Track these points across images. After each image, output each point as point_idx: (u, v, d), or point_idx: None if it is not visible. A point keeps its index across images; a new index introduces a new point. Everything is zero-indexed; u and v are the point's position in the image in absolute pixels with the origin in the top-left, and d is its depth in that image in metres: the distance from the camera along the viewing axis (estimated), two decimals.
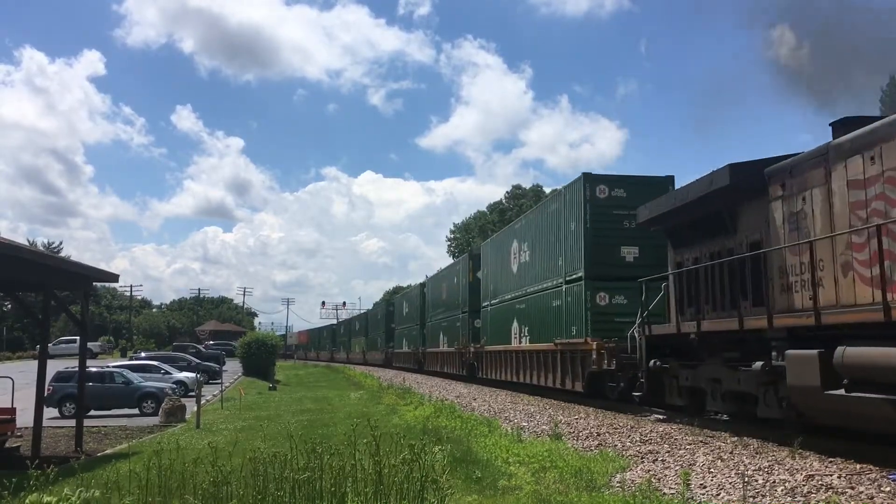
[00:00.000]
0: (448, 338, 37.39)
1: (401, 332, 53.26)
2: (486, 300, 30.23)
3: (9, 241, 13.89)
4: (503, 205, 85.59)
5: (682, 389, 14.41)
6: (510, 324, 26.13)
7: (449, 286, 38.39)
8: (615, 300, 18.75)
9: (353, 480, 6.55)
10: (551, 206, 22.48)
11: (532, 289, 23.64)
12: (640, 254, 19.10)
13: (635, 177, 20.17)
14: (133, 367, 28.88)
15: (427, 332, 43.57)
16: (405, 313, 52.05)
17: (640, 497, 7.77)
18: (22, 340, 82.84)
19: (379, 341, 61.65)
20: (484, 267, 31.67)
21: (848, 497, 7.75)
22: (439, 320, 40.06)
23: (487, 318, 30.04)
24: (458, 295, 35.62)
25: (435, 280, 44.01)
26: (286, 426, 15.65)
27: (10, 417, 14.79)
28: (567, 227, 20.35)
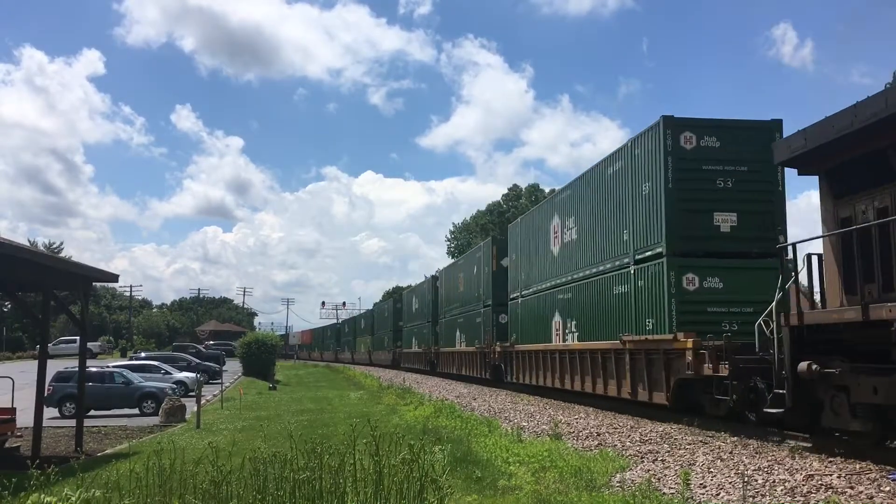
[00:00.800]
0: (466, 336, 33.64)
1: (410, 331, 49.91)
2: (516, 291, 26.38)
3: (9, 241, 13.90)
4: (501, 206, 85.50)
5: (857, 407, 9.65)
6: (549, 318, 22.20)
7: (467, 277, 34.37)
8: (707, 283, 14.76)
9: (352, 480, 6.55)
10: (611, 166, 17.95)
11: (582, 274, 19.58)
12: (740, 222, 15.06)
13: (732, 121, 15.69)
14: (133, 367, 28.87)
15: (440, 330, 40.02)
16: (415, 310, 48.31)
17: (640, 497, 7.77)
18: (22, 340, 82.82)
19: (386, 340, 58.45)
20: (512, 252, 27.44)
21: (848, 497, 7.76)
22: (455, 316, 36.31)
23: (518, 313, 26.02)
24: (478, 287, 31.74)
25: (450, 271, 40.15)
26: (286, 426, 15.64)
27: (10, 417, 14.80)
28: (637, 191, 16.32)
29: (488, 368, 29.25)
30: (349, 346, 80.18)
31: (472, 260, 34.27)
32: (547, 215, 23.41)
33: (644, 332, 15.65)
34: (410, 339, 49.19)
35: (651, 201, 15.66)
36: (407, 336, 50.81)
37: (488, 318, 29.53)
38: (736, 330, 14.00)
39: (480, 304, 31.05)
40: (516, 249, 26.96)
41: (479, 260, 32.29)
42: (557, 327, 21.52)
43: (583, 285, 19.51)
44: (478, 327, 31.24)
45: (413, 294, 51.19)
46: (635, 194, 16.41)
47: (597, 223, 18.81)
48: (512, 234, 27.98)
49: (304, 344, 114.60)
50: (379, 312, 65.76)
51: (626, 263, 16.82)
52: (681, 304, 14.62)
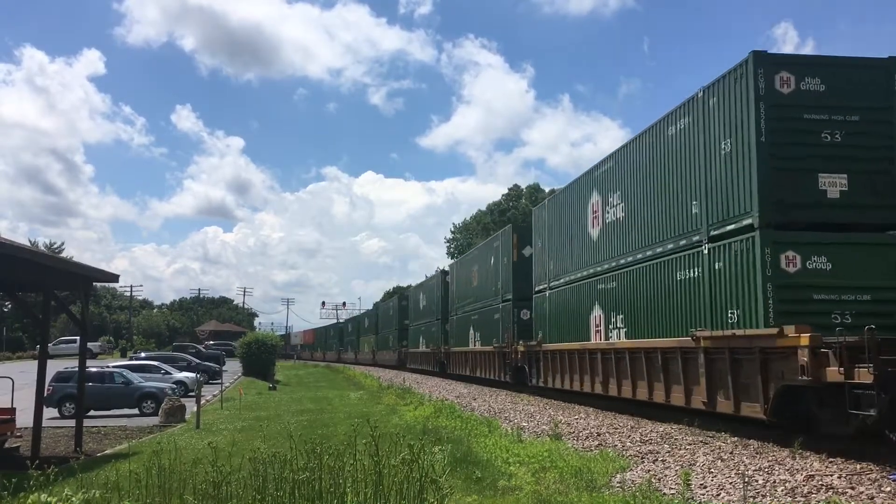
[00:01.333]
0: (482, 334, 30.54)
1: (416, 330, 46.95)
2: (543, 283, 23.22)
3: (9, 241, 13.89)
4: (503, 205, 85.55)
5: None
6: (587, 312, 19.17)
7: (483, 270, 31.03)
8: (812, 263, 11.70)
9: (352, 481, 6.54)
10: (673, 125, 14.88)
11: (631, 258, 16.59)
12: (852, 186, 12.07)
13: (841, 58, 12.66)
14: (133, 368, 28.85)
15: (451, 329, 36.90)
16: (422, 307, 45.28)
17: (640, 497, 7.77)
18: (22, 340, 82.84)
19: (391, 340, 55.73)
20: (538, 239, 24.35)
21: (848, 497, 7.75)
22: (468, 313, 33.16)
23: (545, 307, 22.83)
24: (496, 280, 28.62)
25: (462, 265, 36.77)
26: (286, 426, 15.63)
27: (10, 417, 14.79)
28: (712, 151, 13.25)
29: (509, 370, 26.25)
30: (352, 346, 78.27)
31: (488, 250, 30.61)
32: (583, 193, 20.10)
33: (725, 326, 12.37)
34: (417, 339, 46.43)
35: (734, 162, 12.53)
36: (413, 335, 48.02)
37: (508, 314, 26.58)
38: (849, 323, 11.10)
39: (499, 298, 27.96)
40: (543, 236, 23.72)
41: (496, 250, 28.92)
42: (597, 322, 18.49)
43: (632, 272, 16.54)
44: (495, 324, 28.26)
45: (420, 290, 47.85)
46: (710, 155, 13.32)
47: (652, 197, 15.74)
48: (538, 219, 24.67)
49: (307, 344, 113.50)
50: (383, 311, 63.35)
51: (695, 242, 13.71)
52: (779, 289, 11.50)
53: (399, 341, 52.22)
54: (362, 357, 70.31)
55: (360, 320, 78.58)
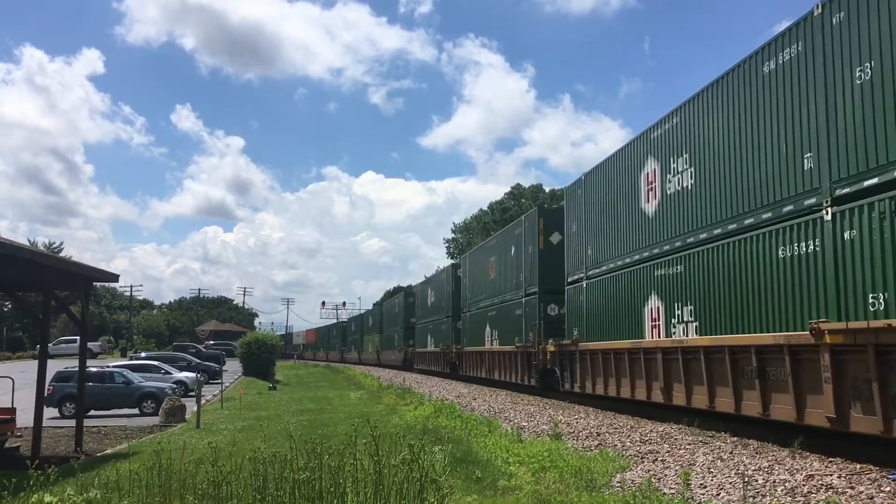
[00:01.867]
0: (501, 332, 27.54)
1: (424, 328, 44.41)
2: (578, 272, 20.15)
3: (9, 241, 13.89)
4: (504, 204, 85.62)
5: None
6: (640, 304, 16.12)
7: (502, 261, 27.89)
8: None
9: (352, 480, 6.55)
10: (773, 59, 11.79)
11: (703, 236, 13.60)
12: None
13: None
14: (133, 367, 28.87)
15: (464, 326, 34.16)
16: (430, 304, 42.49)
17: (640, 497, 7.77)
18: (22, 340, 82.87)
19: (396, 339, 53.10)
20: (572, 222, 21.07)
21: (848, 497, 7.76)
22: (484, 309, 30.23)
23: (581, 300, 19.74)
24: (518, 271, 25.65)
25: (477, 256, 33.38)
26: (286, 426, 15.65)
27: (10, 417, 14.80)
28: (836, 83, 10.33)
29: (535, 373, 22.94)
30: (356, 346, 75.72)
31: (507, 239, 27.56)
32: (633, 162, 17.04)
33: (862, 316, 9.44)
34: (425, 338, 43.71)
35: (877, 94, 9.55)
36: (421, 334, 45.45)
37: (534, 309, 23.37)
38: None
39: (521, 292, 24.98)
40: (579, 218, 20.40)
41: (518, 238, 25.73)
42: (654, 316, 15.44)
43: (706, 252, 13.44)
44: (517, 321, 25.19)
45: (429, 286, 44.89)
46: (834, 91, 10.31)
47: (738, 153, 12.62)
48: (571, 199, 21.24)
49: (309, 343, 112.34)
50: (388, 308, 60.39)
51: (809, 208, 10.67)
52: None
53: (405, 340, 49.87)
54: (366, 357, 68.49)
55: (363, 318, 76.03)
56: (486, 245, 32.22)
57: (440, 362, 38.96)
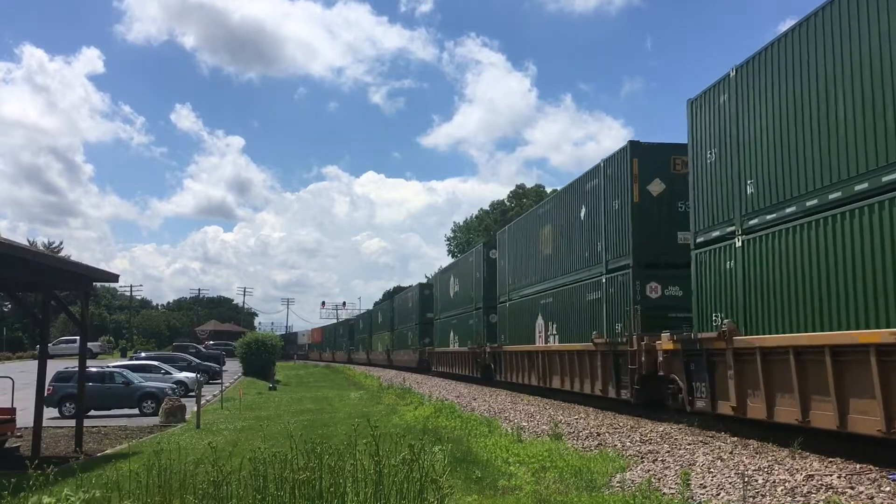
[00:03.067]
0: (562, 325, 20.70)
1: (445, 324, 38.17)
2: (707, 229, 13.65)
3: (9, 241, 13.89)
4: (505, 204, 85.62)
5: None
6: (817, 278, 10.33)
7: (563, 230, 21.10)
8: None
9: (352, 480, 6.55)
10: None
11: None
12: None
13: None
14: (133, 367, 28.88)
15: (503, 320, 27.50)
16: (454, 294, 36.67)
17: (640, 497, 7.77)
18: (22, 340, 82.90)
19: (410, 337, 47.54)
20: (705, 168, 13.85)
21: (848, 497, 7.76)
22: (534, 296, 23.51)
23: (731, 270, 12.69)
24: (591, 240, 18.72)
25: (521, 229, 26.24)
26: (286, 426, 15.65)
27: (10, 417, 14.80)
28: None
29: (630, 382, 16.02)
30: (364, 345, 69.88)
31: (572, 198, 20.36)
32: None
33: None
34: (447, 335, 37.81)
35: None
36: (441, 331, 39.46)
37: (624, 290, 16.53)
38: None
39: (600, 268, 17.91)
40: (713, 151, 13.54)
41: (591, 194, 18.68)
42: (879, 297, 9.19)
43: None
44: (591, 309, 18.42)
45: (451, 274, 38.56)
46: None
47: None
48: (706, 114, 13.92)
49: (315, 343, 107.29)
50: (401, 302, 54.04)
51: None
52: None
53: (420, 339, 44.42)
54: (376, 357, 62.80)
55: (372, 315, 69.15)
56: (534, 213, 24.78)
57: (468, 364, 32.77)
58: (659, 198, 16.52)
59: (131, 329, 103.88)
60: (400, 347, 51.74)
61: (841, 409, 9.67)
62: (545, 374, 22.23)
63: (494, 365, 28.70)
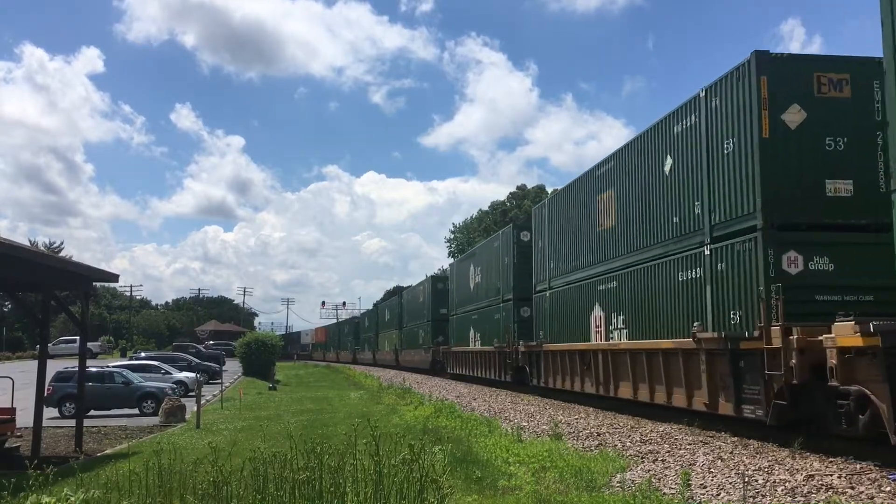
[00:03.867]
0: (630, 316, 16.29)
1: (464, 320, 33.70)
2: None
3: (9, 241, 13.89)
4: (505, 205, 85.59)
5: None
6: None
7: (624, 197, 16.94)
8: None
9: (352, 480, 6.55)
10: None
11: None
12: None
13: None
14: (133, 367, 28.88)
15: (539, 313, 23.03)
16: (475, 286, 32.28)
17: (640, 497, 7.77)
18: (22, 340, 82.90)
19: (421, 335, 43.14)
20: None
21: (848, 497, 7.75)
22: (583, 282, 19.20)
23: None
24: (673, 205, 14.57)
25: (562, 202, 21.79)
26: (286, 426, 15.66)
27: (10, 417, 14.79)
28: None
29: (762, 397, 11.34)
30: (369, 345, 65.91)
31: (655, 145, 15.56)
32: None
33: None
34: (465, 333, 33.30)
35: None
36: (459, 328, 35.10)
37: (751, 260, 11.83)
38: None
39: (702, 235, 13.44)
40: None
41: (685, 137, 14.22)
42: None
43: None
44: (686, 292, 13.77)
45: (470, 263, 33.78)
46: None
47: None
48: None
49: (319, 343, 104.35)
50: (410, 298, 49.66)
51: None
52: None
53: (433, 337, 40.30)
54: (382, 358, 58.52)
55: (378, 312, 64.57)
56: (588, 177, 19.62)
57: (494, 366, 28.01)
58: (798, 131, 11.91)
59: (131, 329, 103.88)
60: (410, 347, 47.48)
61: None
62: (608, 379, 17.17)
63: (530, 367, 23.88)
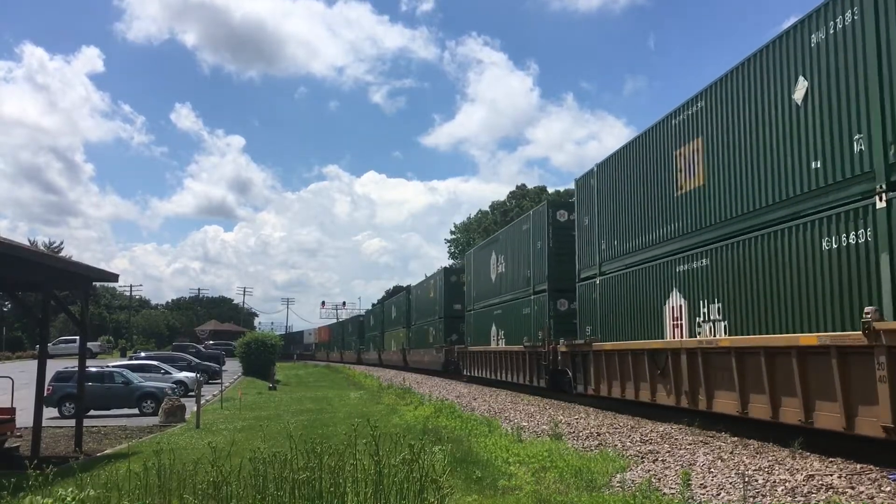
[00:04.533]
0: (727, 305, 12.40)
1: (485, 315, 29.31)
2: None
3: (9, 240, 13.88)
4: (506, 205, 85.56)
5: None
6: None
7: (720, 139, 12.81)
8: None
9: (352, 480, 6.54)
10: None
11: None
12: None
13: None
14: (133, 367, 28.88)
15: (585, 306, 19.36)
16: (497, 276, 27.70)
17: (640, 497, 7.77)
18: (22, 340, 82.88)
19: (432, 334, 39.39)
20: None
21: (848, 497, 7.75)
22: (654, 263, 15.45)
23: None
24: (811, 143, 10.33)
25: (617, 165, 17.72)
26: (286, 426, 15.64)
27: (9, 417, 14.79)
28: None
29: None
30: (375, 344, 62.26)
31: (782, 60, 11.14)
32: None
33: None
34: (486, 330, 28.72)
35: None
36: (478, 325, 30.36)
37: None
38: None
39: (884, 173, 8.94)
40: None
41: (834, 42, 9.96)
42: None
43: None
44: (831, 263, 9.76)
45: (492, 251, 28.67)
46: None
47: None
48: None
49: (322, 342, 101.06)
50: (419, 293, 44.97)
51: None
52: None
53: (446, 335, 36.55)
54: (389, 358, 54.82)
55: (384, 309, 60.37)
56: (664, 128, 15.19)
57: (524, 369, 23.96)
58: None
59: (131, 329, 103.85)
60: (419, 346, 43.42)
61: None
62: (695, 388, 13.51)
63: (574, 371, 19.89)
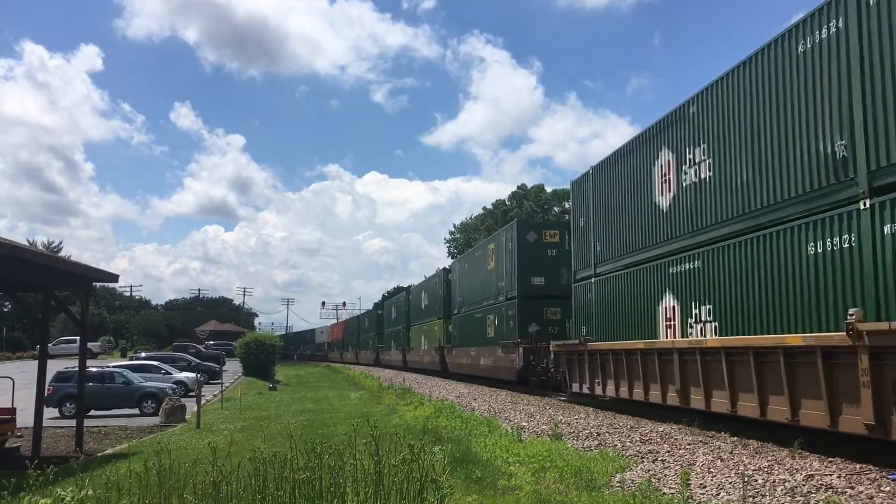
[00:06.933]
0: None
1: None
2: None
3: (9, 240, 13.89)
4: (506, 204, 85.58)
5: None
6: None
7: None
8: None
9: (352, 480, 6.55)
10: None
11: None
12: None
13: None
14: (133, 367, 28.90)
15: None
16: (667, 208, 15.37)
17: (640, 497, 7.78)
18: (22, 340, 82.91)
19: (494, 324, 27.06)
20: None
21: (848, 497, 7.76)
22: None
23: None
24: None
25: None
26: (286, 426, 15.66)
27: (10, 417, 14.80)
28: None
29: None
30: (397, 342, 49.16)
31: None
32: None
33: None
34: (656, 300, 15.81)
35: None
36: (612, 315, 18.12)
37: None
38: None
39: None
40: None
41: None
42: None
43: None
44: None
45: (613, 168, 17.97)
46: None
47: None
48: None
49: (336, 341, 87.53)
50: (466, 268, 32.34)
51: None
52: None
53: (521, 327, 24.25)
54: (416, 359, 42.62)
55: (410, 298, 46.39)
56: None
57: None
58: None
59: (131, 329, 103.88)
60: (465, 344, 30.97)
61: None
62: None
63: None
